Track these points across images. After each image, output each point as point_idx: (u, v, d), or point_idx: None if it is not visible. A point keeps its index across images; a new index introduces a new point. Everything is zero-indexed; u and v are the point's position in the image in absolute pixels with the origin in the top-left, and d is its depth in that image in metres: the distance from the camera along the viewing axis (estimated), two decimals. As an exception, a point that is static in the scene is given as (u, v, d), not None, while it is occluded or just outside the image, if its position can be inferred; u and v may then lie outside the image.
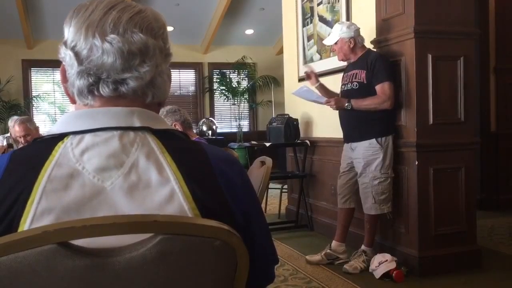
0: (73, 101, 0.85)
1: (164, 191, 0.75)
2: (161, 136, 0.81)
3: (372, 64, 3.24)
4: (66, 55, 0.81)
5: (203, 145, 0.86)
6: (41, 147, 0.78)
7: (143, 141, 0.79)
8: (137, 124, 0.79)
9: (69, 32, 0.82)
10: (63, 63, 0.83)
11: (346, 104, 3.30)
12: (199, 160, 0.82)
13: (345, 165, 3.50)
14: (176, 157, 0.78)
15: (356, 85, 3.31)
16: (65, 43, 0.82)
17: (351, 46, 3.35)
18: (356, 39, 3.36)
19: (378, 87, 3.22)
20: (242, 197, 0.83)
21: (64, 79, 0.84)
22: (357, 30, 3.38)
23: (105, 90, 0.80)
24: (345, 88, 3.43)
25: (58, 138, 0.78)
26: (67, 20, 0.83)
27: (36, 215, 0.70)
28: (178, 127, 2.84)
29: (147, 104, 0.84)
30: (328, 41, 3.49)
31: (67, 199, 0.72)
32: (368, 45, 3.50)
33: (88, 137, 0.77)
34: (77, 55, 0.79)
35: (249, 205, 0.84)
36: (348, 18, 3.94)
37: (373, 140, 3.25)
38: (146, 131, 0.80)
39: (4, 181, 0.74)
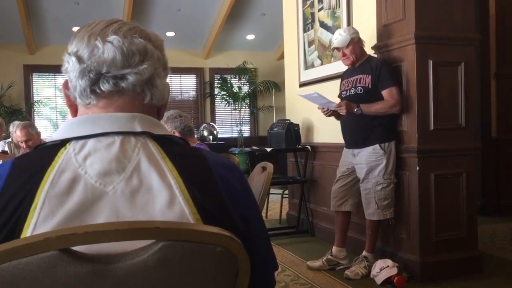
0: (74, 112, 0.87)
1: (165, 196, 0.75)
2: (161, 142, 0.82)
3: (377, 69, 3.23)
4: (69, 62, 0.83)
5: (203, 151, 0.87)
6: (43, 154, 0.79)
7: (144, 146, 0.80)
8: (138, 129, 0.81)
9: (71, 45, 0.85)
10: (66, 75, 0.85)
11: (356, 109, 3.24)
12: (199, 165, 0.83)
13: (345, 169, 3.49)
14: (176, 163, 0.79)
15: (361, 90, 3.30)
16: (68, 53, 0.84)
17: (362, 46, 3.36)
18: (361, 40, 3.38)
19: (385, 92, 3.21)
20: (242, 202, 0.84)
21: (67, 86, 0.86)
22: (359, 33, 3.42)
23: (105, 85, 0.82)
24: (348, 94, 3.40)
25: (60, 144, 0.79)
26: (71, 38, 0.86)
27: (39, 220, 0.71)
28: (177, 135, 2.85)
29: (146, 105, 0.85)
30: (340, 43, 3.32)
31: (69, 204, 0.72)
32: (369, 50, 3.51)
33: (90, 142, 0.78)
34: (79, 58, 0.82)
35: (249, 210, 0.85)
36: (349, 23, 3.95)
37: (377, 146, 3.25)
38: (147, 137, 0.81)
39: (7, 188, 0.74)
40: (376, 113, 3.23)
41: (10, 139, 4.50)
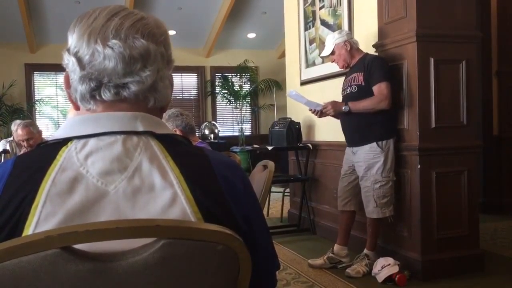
0: (76, 107, 0.86)
1: (167, 195, 0.75)
2: (164, 141, 0.82)
3: (368, 65, 3.26)
4: (69, 61, 0.82)
5: (205, 150, 0.87)
6: (45, 152, 0.79)
7: (146, 146, 0.79)
8: (140, 128, 0.80)
9: (72, 39, 0.83)
10: (67, 69, 0.84)
11: (344, 107, 3.32)
12: (201, 164, 0.82)
13: (347, 168, 3.50)
14: (178, 162, 0.79)
15: (355, 88, 3.33)
16: (68, 50, 0.83)
17: (348, 49, 3.38)
18: (350, 41, 3.40)
19: (375, 88, 3.22)
20: (244, 201, 0.83)
21: (68, 85, 0.85)
22: (348, 34, 3.47)
23: (106, 94, 0.80)
24: (345, 93, 3.44)
25: (62, 143, 0.79)
26: (71, 27, 0.84)
27: (40, 219, 0.70)
28: (178, 133, 2.84)
29: (149, 109, 0.84)
30: (325, 52, 3.52)
31: (71, 203, 0.72)
32: (370, 48, 3.51)
33: (92, 142, 0.78)
34: (79, 60, 0.80)
35: (250, 209, 0.85)
36: (350, 22, 3.95)
37: (374, 144, 3.25)
38: (149, 136, 0.81)
39: (9, 186, 0.74)
40: (365, 110, 3.25)
41: (11, 138, 4.51)
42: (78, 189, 0.73)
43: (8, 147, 4.52)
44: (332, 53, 3.44)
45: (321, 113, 3.48)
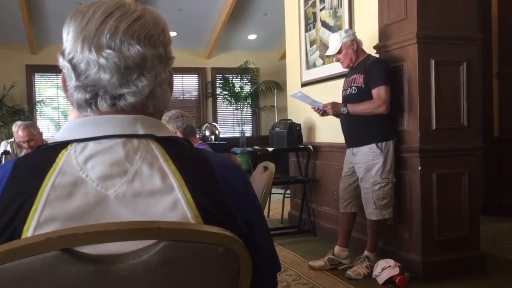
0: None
1: (168, 199, 0.75)
2: (165, 144, 0.81)
3: (369, 68, 3.25)
4: (64, 66, 0.81)
5: (207, 152, 0.86)
6: (45, 155, 0.78)
7: (146, 149, 0.78)
8: (140, 131, 0.79)
9: (66, 41, 0.81)
10: (63, 71, 0.83)
11: (342, 109, 3.33)
12: (202, 167, 0.82)
13: (347, 170, 3.51)
14: (179, 165, 0.78)
15: (355, 90, 3.33)
16: (62, 54, 0.81)
17: (355, 48, 3.37)
18: (356, 41, 3.39)
19: (374, 91, 3.23)
20: (245, 204, 0.83)
21: (65, 87, 0.84)
22: (354, 33, 3.44)
23: (103, 105, 0.80)
24: (345, 94, 3.45)
25: (61, 145, 0.78)
26: (65, 24, 0.82)
27: (39, 223, 0.70)
28: (179, 135, 2.84)
29: (149, 113, 0.84)
30: (331, 51, 3.46)
31: (70, 207, 0.72)
32: (371, 50, 3.51)
33: (91, 145, 0.77)
34: (74, 68, 0.79)
35: (252, 212, 0.84)
36: (351, 23, 3.95)
37: (373, 145, 3.25)
38: (150, 139, 0.80)
39: (8, 189, 0.74)
40: (362, 113, 3.25)
41: (12, 139, 4.52)
42: (77, 194, 0.72)
43: (9, 148, 4.52)
44: (339, 51, 3.41)
45: (323, 112, 3.48)
